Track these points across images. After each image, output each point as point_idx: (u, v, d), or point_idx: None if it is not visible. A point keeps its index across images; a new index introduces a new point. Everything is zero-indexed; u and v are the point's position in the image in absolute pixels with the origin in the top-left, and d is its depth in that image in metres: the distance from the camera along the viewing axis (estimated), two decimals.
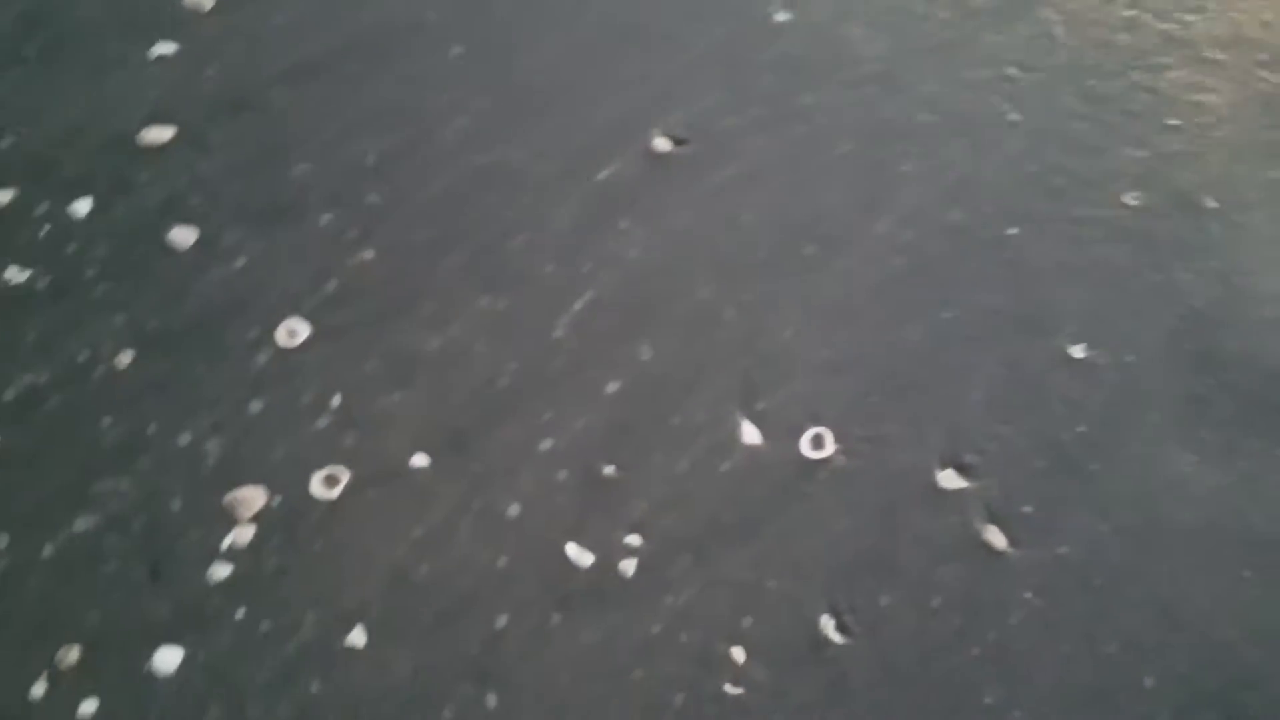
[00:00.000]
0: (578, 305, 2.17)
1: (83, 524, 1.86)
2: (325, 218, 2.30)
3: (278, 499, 1.91)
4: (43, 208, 2.29)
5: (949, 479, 1.90)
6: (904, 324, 2.11)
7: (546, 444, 1.96)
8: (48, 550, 1.84)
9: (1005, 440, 1.94)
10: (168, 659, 1.72)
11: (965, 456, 1.92)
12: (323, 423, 2.00)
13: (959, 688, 1.66)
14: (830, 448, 1.93)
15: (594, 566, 1.81)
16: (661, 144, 2.43)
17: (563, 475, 1.92)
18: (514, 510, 1.88)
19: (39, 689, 1.69)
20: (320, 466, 1.95)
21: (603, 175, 2.38)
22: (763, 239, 2.27)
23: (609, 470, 1.92)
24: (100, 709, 1.67)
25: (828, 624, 1.71)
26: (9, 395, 2.00)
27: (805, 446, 1.93)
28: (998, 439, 1.94)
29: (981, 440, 1.94)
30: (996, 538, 1.82)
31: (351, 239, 2.27)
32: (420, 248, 2.26)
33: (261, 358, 2.09)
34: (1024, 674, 1.67)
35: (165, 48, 2.56)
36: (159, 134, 2.39)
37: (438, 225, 2.30)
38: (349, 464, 1.95)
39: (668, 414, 1.99)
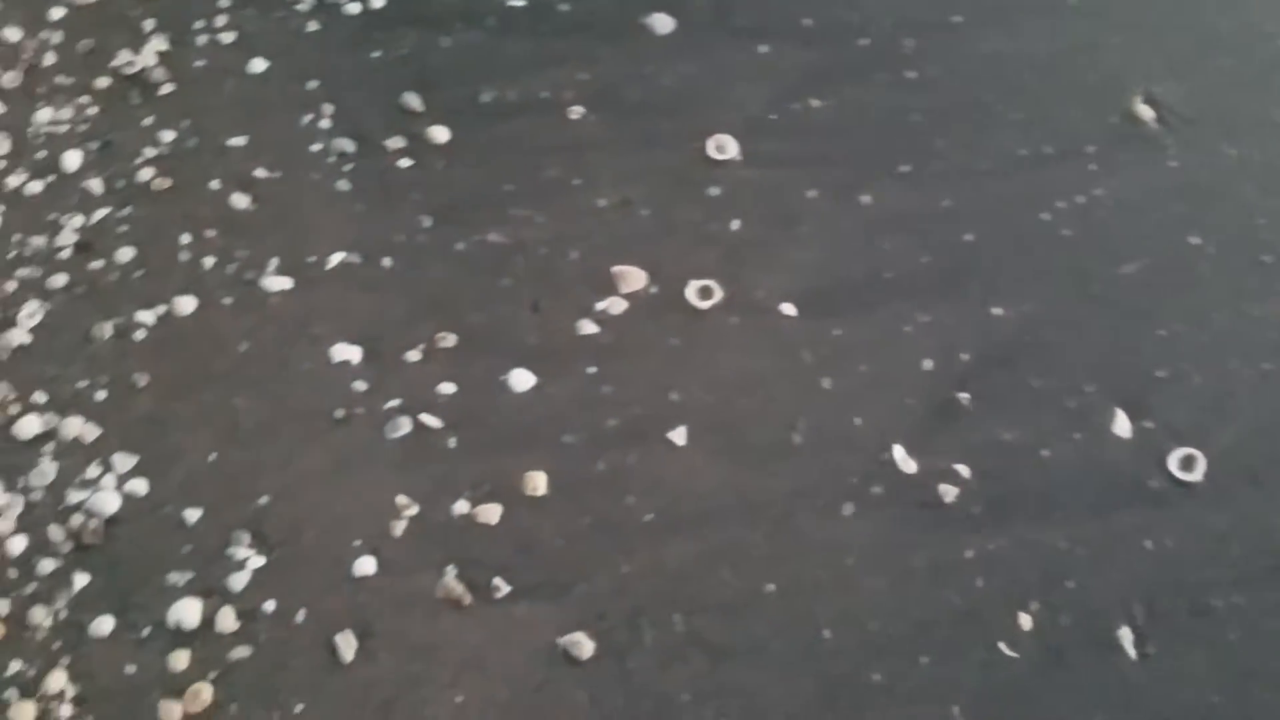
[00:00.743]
0: (1081, 199, 2.13)
1: (495, 236, 2.06)
2: (804, 47, 2.32)
3: (655, 288, 2.03)
4: None
5: None
6: None
7: (924, 340, 1.95)
8: (460, 245, 2.04)
9: None
10: (522, 380, 1.90)
11: None
12: (718, 239, 2.08)
13: None
14: (1198, 474, 1.81)
15: (914, 476, 1.82)
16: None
17: (918, 376, 1.91)
18: (858, 388, 1.90)
19: (413, 356, 1.92)
20: (700, 277, 2.04)
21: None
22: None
23: (964, 396, 1.90)
24: (455, 395, 1.88)
25: (1125, 635, 1.65)
26: (484, 97, 2.20)
27: (1172, 462, 1.82)
28: None
29: None
30: None
31: (812, 77, 2.29)
32: (899, 109, 2.26)
33: (685, 159, 2.18)
34: None
35: None
36: None
37: (926, 96, 2.28)
38: (726, 285, 2.02)
39: (1051, 366, 1.93)
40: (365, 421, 1.84)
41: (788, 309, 2.02)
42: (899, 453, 1.84)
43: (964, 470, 1.82)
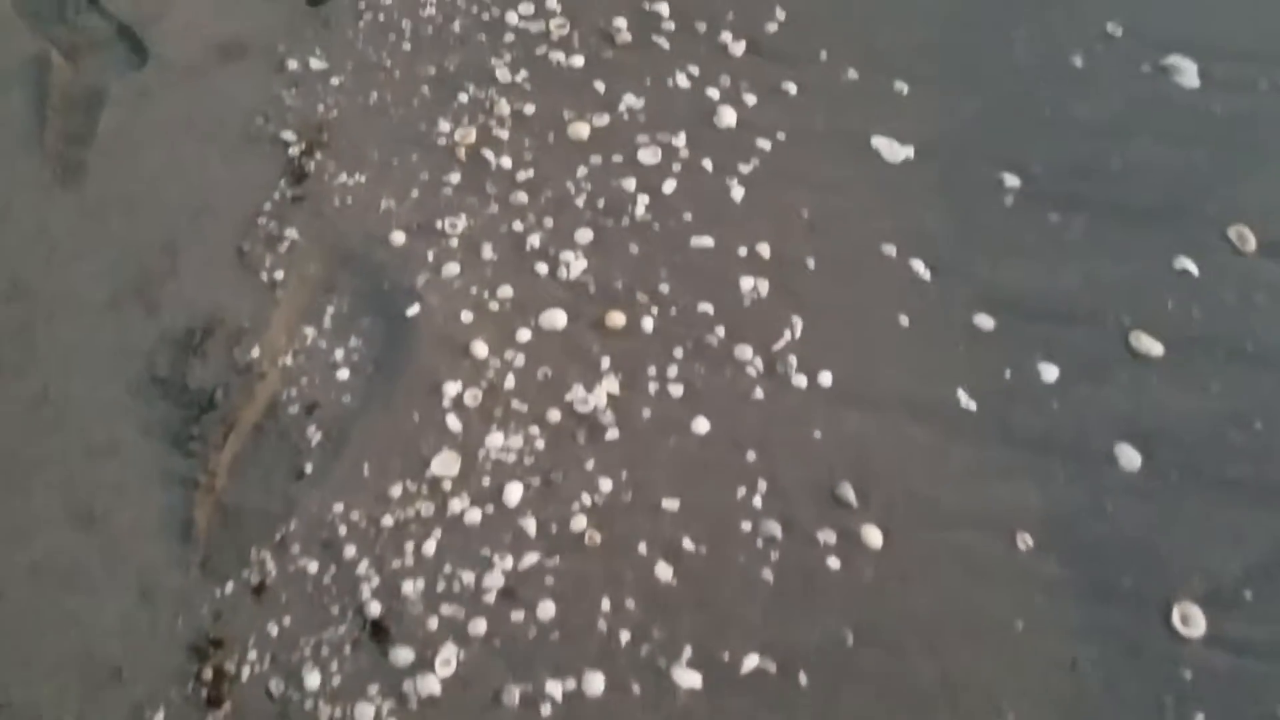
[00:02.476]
0: None
1: (923, 670, 1.85)
2: None
3: None
4: (1017, 368, 2.30)
5: None
6: None
7: None
8: (882, 673, 1.85)
9: None
10: None
11: None
12: None
13: None
14: None
15: None
16: None
17: None
18: None
19: None
20: None
21: None
22: None
23: None
24: None
25: None
26: (924, 499, 2.05)
27: None
28: None
29: None
30: None
31: None
32: None
33: (1144, 625, 1.92)
34: None
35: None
36: (1150, 344, 2.30)
37: None
38: None
39: None
40: None
41: None
42: None
43: None
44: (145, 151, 2.45)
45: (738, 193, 2.55)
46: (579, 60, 2.79)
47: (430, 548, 1.94)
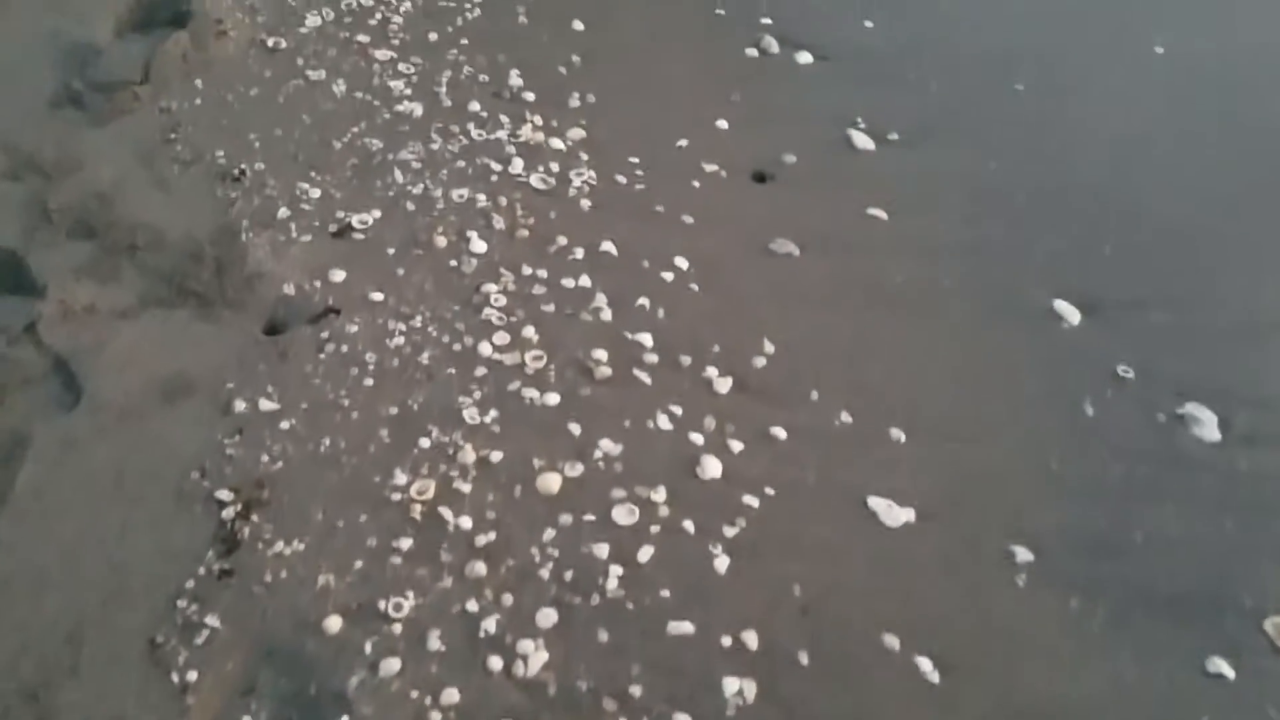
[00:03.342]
0: None
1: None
2: None
3: None
4: None
5: None
6: None
7: None
8: None
9: None
10: None
11: None
12: None
13: None
14: None
15: None
16: None
17: None
18: None
19: None
20: None
21: None
22: None
23: None
24: None
25: None
26: None
27: None
28: None
29: None
30: None
31: None
32: None
33: None
34: None
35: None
36: None
37: None
38: None
39: None
40: None
41: None
42: None
43: None
44: (63, 517, 2.20)
45: (722, 562, 2.30)
46: (554, 398, 2.59)
47: None
